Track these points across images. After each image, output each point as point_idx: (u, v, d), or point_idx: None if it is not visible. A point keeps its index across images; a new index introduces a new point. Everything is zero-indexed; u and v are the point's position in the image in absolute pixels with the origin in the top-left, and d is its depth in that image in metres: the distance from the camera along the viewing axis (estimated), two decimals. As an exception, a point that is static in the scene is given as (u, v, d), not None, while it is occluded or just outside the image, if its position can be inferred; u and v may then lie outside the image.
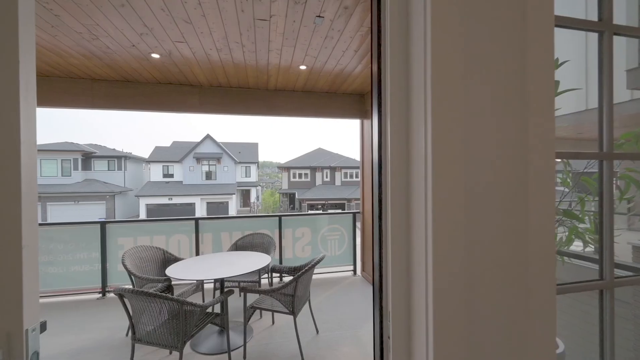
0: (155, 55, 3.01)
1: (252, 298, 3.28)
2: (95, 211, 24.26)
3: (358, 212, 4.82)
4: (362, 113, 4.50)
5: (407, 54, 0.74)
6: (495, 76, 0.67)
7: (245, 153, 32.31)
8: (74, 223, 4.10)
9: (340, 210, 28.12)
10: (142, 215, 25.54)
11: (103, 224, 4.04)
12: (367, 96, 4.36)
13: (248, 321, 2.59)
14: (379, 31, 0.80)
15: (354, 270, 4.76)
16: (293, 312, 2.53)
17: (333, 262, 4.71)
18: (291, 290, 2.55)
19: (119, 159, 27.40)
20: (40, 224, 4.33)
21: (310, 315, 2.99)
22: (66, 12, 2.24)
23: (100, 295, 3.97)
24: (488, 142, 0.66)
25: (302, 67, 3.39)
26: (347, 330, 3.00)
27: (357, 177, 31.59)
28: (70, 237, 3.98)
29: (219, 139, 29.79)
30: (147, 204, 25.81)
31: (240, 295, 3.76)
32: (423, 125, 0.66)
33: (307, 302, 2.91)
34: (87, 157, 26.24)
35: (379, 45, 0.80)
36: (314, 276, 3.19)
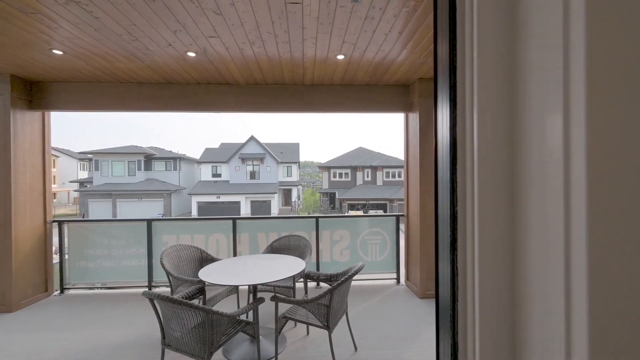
0: (191, 54, 2.98)
1: (284, 306, 3.11)
2: (155, 208, 26.74)
3: (402, 215, 4.40)
4: (406, 106, 4.08)
5: (513, 19, 0.47)
6: None
7: (287, 153, 33.02)
8: (125, 220, 4.36)
9: (381, 211, 27.22)
10: (194, 211, 27.52)
11: (149, 222, 4.21)
12: (413, 87, 3.92)
13: (280, 331, 2.41)
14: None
15: (397, 279, 4.35)
16: (328, 327, 2.28)
17: (374, 269, 4.36)
18: (326, 301, 2.31)
19: (174, 160, 29.89)
20: (99, 220, 4.70)
21: (347, 328, 2.71)
22: (105, 14, 2.27)
23: (147, 289, 4.15)
24: None
25: (340, 57, 3.11)
26: (389, 350, 2.66)
27: (399, 176, 30.31)
28: (122, 233, 4.23)
29: (262, 140, 30.86)
30: (198, 202, 27.74)
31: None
32: (560, 116, 0.38)
33: (345, 315, 2.64)
34: (148, 158, 29.06)
35: (452, 16, 0.54)
36: (352, 282, 2.91)
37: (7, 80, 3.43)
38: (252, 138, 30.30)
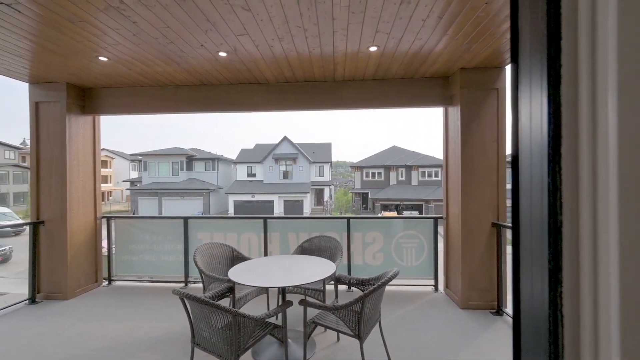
0: (222, 54, 3.00)
1: (314, 309, 3.01)
2: (196, 206, 28.38)
3: (440, 217, 4.09)
4: (445, 99, 3.76)
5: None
6: None
7: (319, 153, 33.13)
8: (164, 217, 4.58)
9: (417, 213, 26.15)
10: (231, 210, 28.72)
11: (186, 220, 4.37)
12: (453, 78, 3.61)
13: (309, 337, 2.31)
14: None
15: (435, 286, 4.04)
16: (359, 336, 2.13)
17: (409, 274, 4.10)
18: (358, 308, 2.16)
19: (213, 160, 31.45)
20: (141, 217, 4.99)
21: (380, 337, 2.53)
22: (141, 17, 2.34)
23: (184, 285, 4.31)
24: None
25: (373, 49, 2.94)
26: (427, 364, 2.44)
27: (436, 176, 28.90)
28: (162, 230, 4.44)
29: (294, 140, 31.32)
30: (234, 201, 28.91)
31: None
32: None
33: (378, 323, 2.46)
34: (190, 159, 30.91)
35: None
36: (386, 288, 2.72)
37: (64, 88, 3.75)
38: (285, 138, 30.85)
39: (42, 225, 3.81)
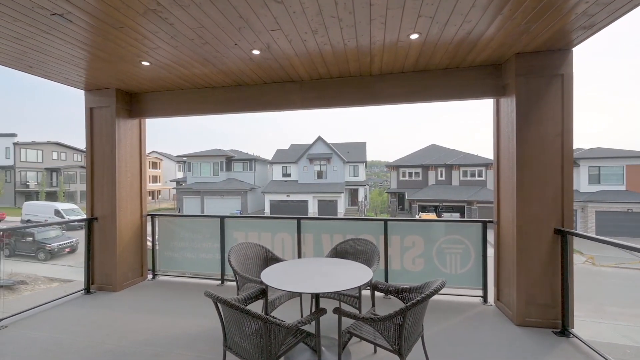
0: (256, 52, 2.96)
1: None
2: (234, 204, 29.66)
3: (490, 221, 3.67)
4: (497, 89, 3.36)
5: None
6: None
7: (354, 153, 32.75)
8: (202, 216, 4.72)
9: (458, 215, 24.63)
10: (267, 209, 29.54)
11: (222, 219, 4.46)
12: (507, 65, 3.20)
13: (344, 348, 2.15)
14: None
15: (484, 297, 3.64)
16: (399, 353, 1.92)
17: (454, 283, 3.74)
18: (399, 320, 1.95)
19: (250, 161, 32.61)
20: (181, 215, 5.20)
21: (422, 352, 2.29)
22: (176, 18, 2.37)
23: (220, 282, 4.40)
24: None
25: (414, 37, 2.69)
26: (478, 389, 2.14)
27: (480, 175, 26.99)
28: (200, 228, 4.58)
29: (329, 140, 31.29)
30: (270, 200, 29.70)
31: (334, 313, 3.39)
32: None
33: (420, 338, 2.23)
34: (229, 160, 32.38)
35: None
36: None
37: (113, 94, 4.01)
38: (319, 138, 30.96)
39: (96, 222, 4.12)
